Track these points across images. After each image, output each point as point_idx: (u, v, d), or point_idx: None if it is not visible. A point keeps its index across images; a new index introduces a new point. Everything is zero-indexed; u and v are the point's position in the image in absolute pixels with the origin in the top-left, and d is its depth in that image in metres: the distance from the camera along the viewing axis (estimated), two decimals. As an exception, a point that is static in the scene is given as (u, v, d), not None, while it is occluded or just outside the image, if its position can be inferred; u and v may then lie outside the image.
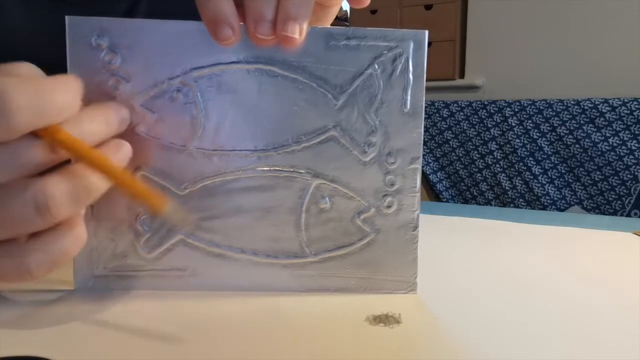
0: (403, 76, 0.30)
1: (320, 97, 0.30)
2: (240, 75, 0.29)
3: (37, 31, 0.39)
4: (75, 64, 0.29)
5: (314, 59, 0.29)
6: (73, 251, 0.25)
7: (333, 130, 0.30)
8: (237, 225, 0.30)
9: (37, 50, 0.39)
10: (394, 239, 0.31)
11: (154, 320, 0.27)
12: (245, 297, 0.30)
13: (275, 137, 0.30)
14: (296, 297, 0.30)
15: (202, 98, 0.30)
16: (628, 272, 0.37)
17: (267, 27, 0.27)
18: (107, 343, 0.25)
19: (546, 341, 0.25)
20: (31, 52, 0.39)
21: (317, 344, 0.25)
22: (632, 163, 1.64)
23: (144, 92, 0.29)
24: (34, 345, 0.24)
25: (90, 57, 0.29)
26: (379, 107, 0.30)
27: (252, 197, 0.30)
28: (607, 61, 1.82)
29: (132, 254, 0.30)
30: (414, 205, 0.31)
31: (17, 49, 0.38)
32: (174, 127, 0.30)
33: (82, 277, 0.30)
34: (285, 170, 0.30)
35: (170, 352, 0.24)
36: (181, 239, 0.30)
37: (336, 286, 0.31)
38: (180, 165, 0.30)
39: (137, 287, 0.30)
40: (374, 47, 0.29)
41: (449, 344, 0.25)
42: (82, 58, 0.29)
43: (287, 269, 0.31)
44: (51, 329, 0.26)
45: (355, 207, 0.31)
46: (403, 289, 0.31)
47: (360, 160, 0.30)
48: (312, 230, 0.31)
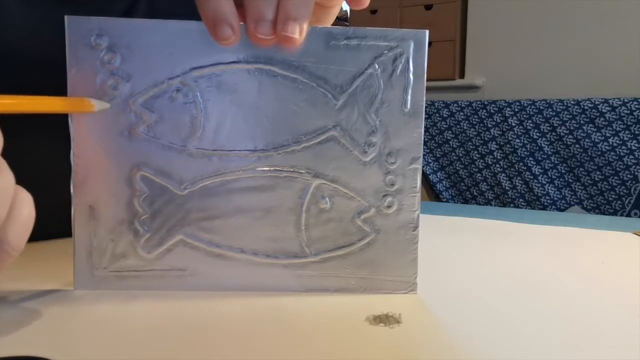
0: (403, 76, 0.30)
1: (321, 97, 0.30)
2: (240, 75, 0.29)
3: (37, 31, 0.38)
4: (74, 64, 0.29)
5: (314, 58, 0.29)
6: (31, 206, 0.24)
7: (333, 130, 0.30)
8: (237, 225, 0.30)
9: (37, 50, 0.39)
10: (394, 239, 0.31)
11: (154, 320, 0.27)
12: (245, 297, 0.30)
13: (275, 137, 0.30)
14: (296, 297, 0.30)
15: (202, 98, 0.30)
16: (628, 272, 0.37)
17: (267, 27, 0.27)
18: (107, 343, 0.25)
19: (546, 341, 0.25)
20: (31, 51, 0.39)
21: (317, 343, 0.25)
22: (632, 163, 1.64)
23: (144, 92, 0.29)
24: (34, 345, 0.24)
25: (89, 57, 0.29)
26: (380, 107, 0.30)
27: (252, 197, 0.30)
28: (607, 61, 1.82)
29: (132, 255, 0.30)
30: (414, 205, 0.31)
31: (16, 49, 0.38)
32: (174, 127, 0.30)
33: (82, 278, 0.30)
34: (285, 170, 0.30)
35: (170, 352, 0.24)
36: (181, 239, 0.30)
37: (336, 286, 0.31)
38: (180, 165, 0.30)
39: (137, 288, 0.30)
40: (374, 47, 0.29)
41: (449, 344, 0.25)
42: (81, 58, 0.29)
43: (287, 269, 0.31)
44: (51, 329, 0.26)
45: (356, 207, 0.30)
46: (403, 289, 0.31)
47: (361, 160, 0.30)
48: (312, 230, 0.30)
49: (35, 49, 0.38)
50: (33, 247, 0.25)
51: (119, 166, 0.30)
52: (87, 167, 0.30)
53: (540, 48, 1.93)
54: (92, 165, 0.30)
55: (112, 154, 0.30)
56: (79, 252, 0.30)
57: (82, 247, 0.30)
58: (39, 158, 0.41)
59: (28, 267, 0.34)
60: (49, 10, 0.39)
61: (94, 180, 0.30)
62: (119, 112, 0.29)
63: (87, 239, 0.30)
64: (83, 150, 0.29)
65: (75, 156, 0.29)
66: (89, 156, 0.30)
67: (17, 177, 0.23)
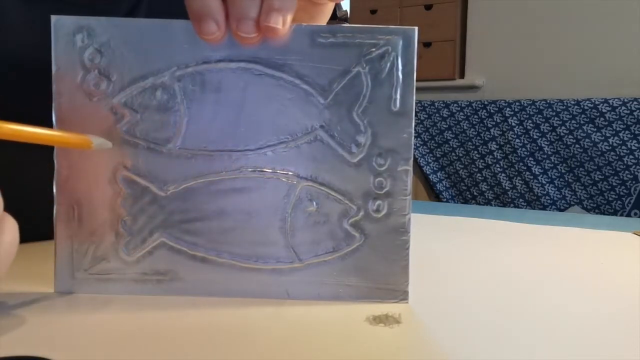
0: (392, 74, 0.29)
1: (306, 96, 0.29)
2: (225, 74, 0.29)
3: (37, 31, 0.38)
4: (59, 63, 0.29)
5: (299, 56, 0.28)
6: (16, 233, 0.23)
7: (319, 130, 0.29)
8: (220, 228, 0.29)
9: (36, 50, 0.38)
10: (383, 245, 0.30)
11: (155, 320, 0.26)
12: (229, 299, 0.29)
13: (260, 138, 0.29)
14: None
15: (186, 97, 0.29)
16: (628, 272, 0.37)
17: (249, 26, 0.26)
18: (107, 343, 0.24)
19: (546, 340, 0.25)
20: (30, 52, 0.39)
21: (316, 343, 0.24)
22: (632, 163, 1.63)
23: (127, 91, 0.29)
24: (33, 345, 0.24)
25: (74, 56, 0.29)
26: (367, 107, 0.29)
27: (236, 199, 0.29)
28: (607, 61, 1.81)
29: (113, 257, 0.29)
30: (404, 209, 0.29)
31: (15, 49, 0.38)
32: (157, 126, 0.29)
33: (62, 280, 0.30)
34: (270, 171, 0.29)
35: (171, 353, 0.23)
36: (163, 241, 0.29)
37: (322, 293, 0.30)
38: (163, 165, 0.29)
39: (118, 292, 0.30)
40: (361, 45, 0.28)
41: (449, 344, 0.25)
42: (66, 57, 0.29)
43: (272, 275, 0.30)
44: (51, 329, 0.26)
45: (343, 211, 0.30)
46: (393, 298, 0.30)
47: (348, 161, 0.29)
48: (298, 234, 0.29)
49: (35, 49, 0.38)
50: (21, 247, 0.25)
51: (101, 166, 0.29)
52: (69, 167, 0.29)
53: (540, 48, 1.92)
54: (74, 165, 0.29)
55: (95, 154, 0.29)
56: (60, 254, 0.29)
57: (63, 249, 0.29)
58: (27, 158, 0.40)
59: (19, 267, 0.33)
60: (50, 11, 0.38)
61: (77, 180, 0.29)
62: (102, 111, 0.29)
63: (68, 240, 0.29)
64: (66, 149, 0.29)
65: (58, 155, 0.29)
66: (72, 155, 0.29)
67: (4, 178, 0.23)
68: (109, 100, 0.29)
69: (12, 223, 0.23)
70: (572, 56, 1.87)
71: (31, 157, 0.40)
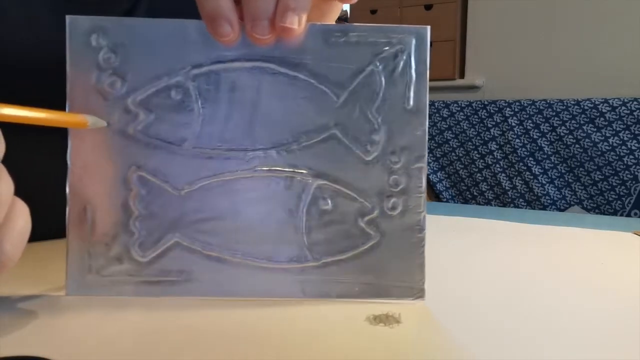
0: (405, 73, 0.29)
1: (321, 95, 0.29)
2: (239, 73, 0.29)
3: (38, 31, 0.38)
4: (74, 63, 0.29)
5: (313, 56, 0.29)
6: (28, 217, 0.24)
7: (334, 129, 0.29)
8: (235, 228, 0.29)
9: (37, 50, 0.38)
10: (399, 243, 0.30)
11: (155, 321, 0.26)
12: (241, 300, 0.29)
13: (275, 136, 0.29)
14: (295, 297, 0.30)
15: (200, 97, 0.29)
16: (628, 272, 0.37)
17: (264, 27, 0.26)
18: (107, 343, 0.24)
19: (546, 341, 0.25)
20: (31, 52, 0.39)
21: (316, 343, 0.24)
22: (632, 163, 1.63)
23: (142, 91, 0.29)
24: (34, 345, 0.24)
25: (89, 56, 0.29)
26: (381, 105, 0.29)
27: (251, 198, 0.29)
28: (607, 61, 1.82)
29: (127, 258, 0.29)
30: (419, 206, 0.29)
31: (17, 49, 0.38)
32: (172, 126, 0.29)
33: (74, 282, 0.29)
34: (285, 170, 0.29)
35: (171, 354, 0.23)
36: (177, 241, 0.29)
37: (338, 292, 0.30)
38: (178, 165, 0.29)
39: (131, 294, 0.29)
40: (374, 44, 0.29)
41: (449, 344, 0.25)
42: (82, 57, 0.29)
43: (287, 274, 0.30)
44: (51, 329, 0.25)
45: (359, 209, 0.30)
46: (410, 296, 0.30)
47: (363, 159, 0.29)
48: (313, 233, 0.30)
49: (36, 49, 0.38)
50: (31, 247, 0.25)
51: (116, 166, 0.29)
52: (83, 166, 0.29)
53: (540, 48, 1.92)
54: (88, 164, 0.29)
55: (109, 153, 0.29)
56: (72, 256, 0.29)
57: (75, 251, 0.29)
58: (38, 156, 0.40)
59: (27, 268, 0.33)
60: (50, 10, 0.38)
61: (90, 179, 0.29)
62: (117, 111, 0.29)
63: (80, 242, 0.29)
64: (80, 148, 0.29)
65: (72, 154, 0.29)
66: (86, 155, 0.29)
67: (16, 176, 0.23)
68: (124, 100, 0.29)
69: (24, 207, 0.23)
70: (572, 56, 1.87)
71: (42, 155, 0.40)
